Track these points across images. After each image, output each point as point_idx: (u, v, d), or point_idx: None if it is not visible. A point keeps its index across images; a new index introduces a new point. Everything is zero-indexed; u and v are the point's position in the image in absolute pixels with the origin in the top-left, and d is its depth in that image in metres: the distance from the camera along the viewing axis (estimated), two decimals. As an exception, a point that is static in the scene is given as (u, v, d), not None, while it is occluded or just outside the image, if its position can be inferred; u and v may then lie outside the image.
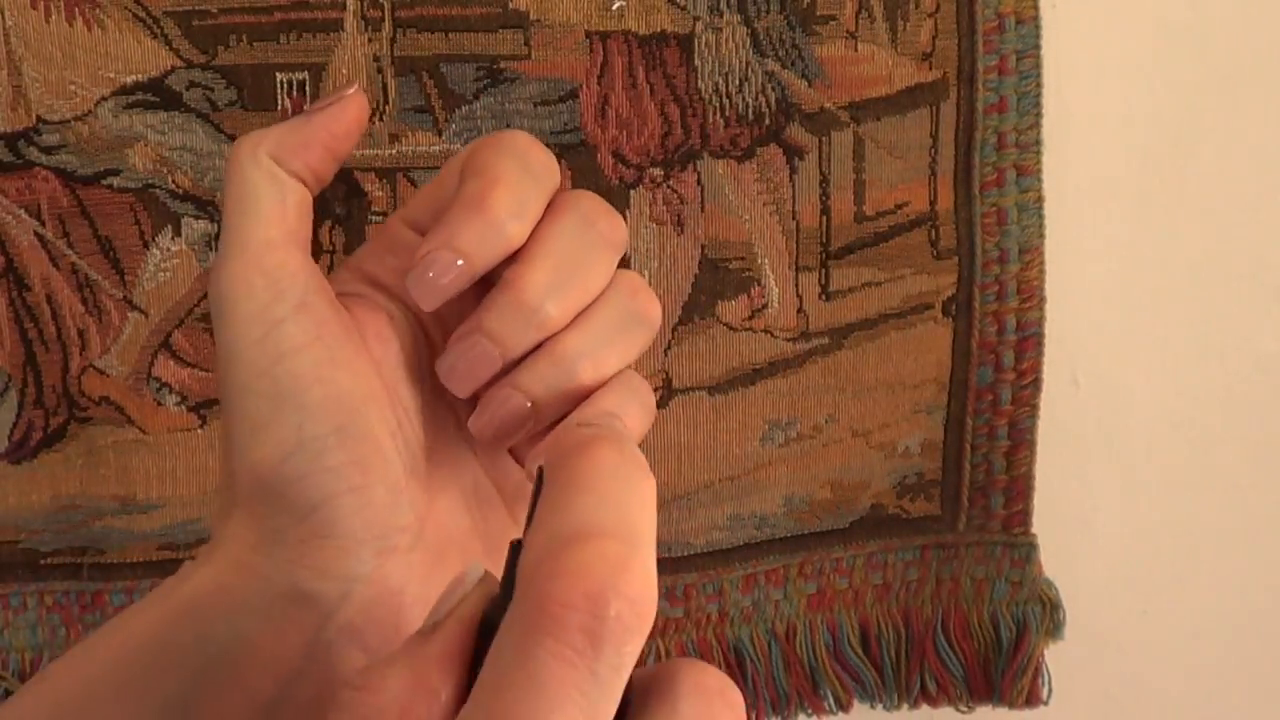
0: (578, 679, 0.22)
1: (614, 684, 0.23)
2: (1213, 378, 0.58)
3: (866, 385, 0.54)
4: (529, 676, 0.22)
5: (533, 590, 0.23)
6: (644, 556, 0.24)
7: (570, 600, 0.22)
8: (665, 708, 0.25)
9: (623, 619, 0.23)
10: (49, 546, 0.53)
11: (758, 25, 0.51)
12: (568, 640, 0.22)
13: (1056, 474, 0.56)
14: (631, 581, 0.23)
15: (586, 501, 0.24)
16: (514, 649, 0.23)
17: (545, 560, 0.23)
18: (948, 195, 0.53)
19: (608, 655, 0.23)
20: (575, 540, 0.23)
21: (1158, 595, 0.60)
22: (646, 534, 0.24)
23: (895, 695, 0.57)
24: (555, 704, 0.22)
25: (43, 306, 0.51)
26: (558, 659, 0.22)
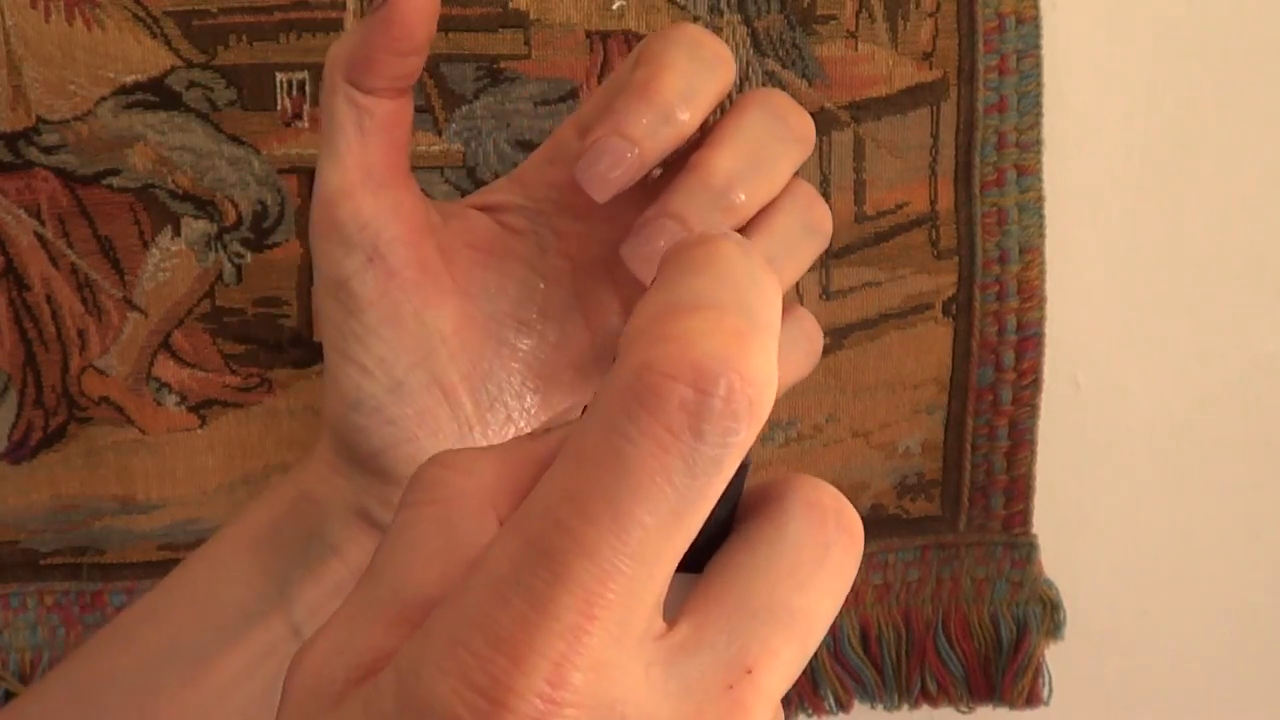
0: (670, 466, 0.19)
1: (711, 480, 0.20)
2: (1213, 378, 0.58)
3: (867, 385, 0.54)
4: (613, 456, 0.19)
5: (630, 356, 0.20)
6: (767, 345, 0.20)
7: (674, 369, 0.19)
8: (770, 526, 0.22)
9: (733, 400, 0.19)
10: (49, 546, 0.53)
11: (757, 25, 0.50)
12: (665, 417, 0.19)
13: (1057, 474, 0.56)
14: (750, 359, 0.19)
15: (703, 279, 0.21)
16: (601, 421, 0.20)
17: (650, 325, 0.20)
18: (948, 195, 0.53)
19: (710, 442, 0.19)
20: (688, 309, 0.20)
21: (1158, 595, 0.60)
22: (771, 327, 0.21)
23: (895, 695, 0.57)
24: (640, 493, 0.19)
25: (42, 306, 0.51)
26: (650, 438, 0.19)
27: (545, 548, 0.19)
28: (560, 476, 0.20)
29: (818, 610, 0.21)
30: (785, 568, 0.21)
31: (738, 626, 0.21)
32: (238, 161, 0.50)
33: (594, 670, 0.19)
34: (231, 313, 0.51)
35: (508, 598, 0.19)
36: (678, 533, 0.20)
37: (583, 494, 0.19)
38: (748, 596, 0.21)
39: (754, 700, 0.20)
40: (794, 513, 0.22)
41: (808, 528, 0.21)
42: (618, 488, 0.19)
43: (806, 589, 0.21)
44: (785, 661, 0.21)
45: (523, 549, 0.19)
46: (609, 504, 0.19)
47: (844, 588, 0.22)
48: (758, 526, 0.22)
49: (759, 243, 0.35)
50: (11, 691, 0.53)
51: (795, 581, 0.21)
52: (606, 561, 0.19)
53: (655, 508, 0.19)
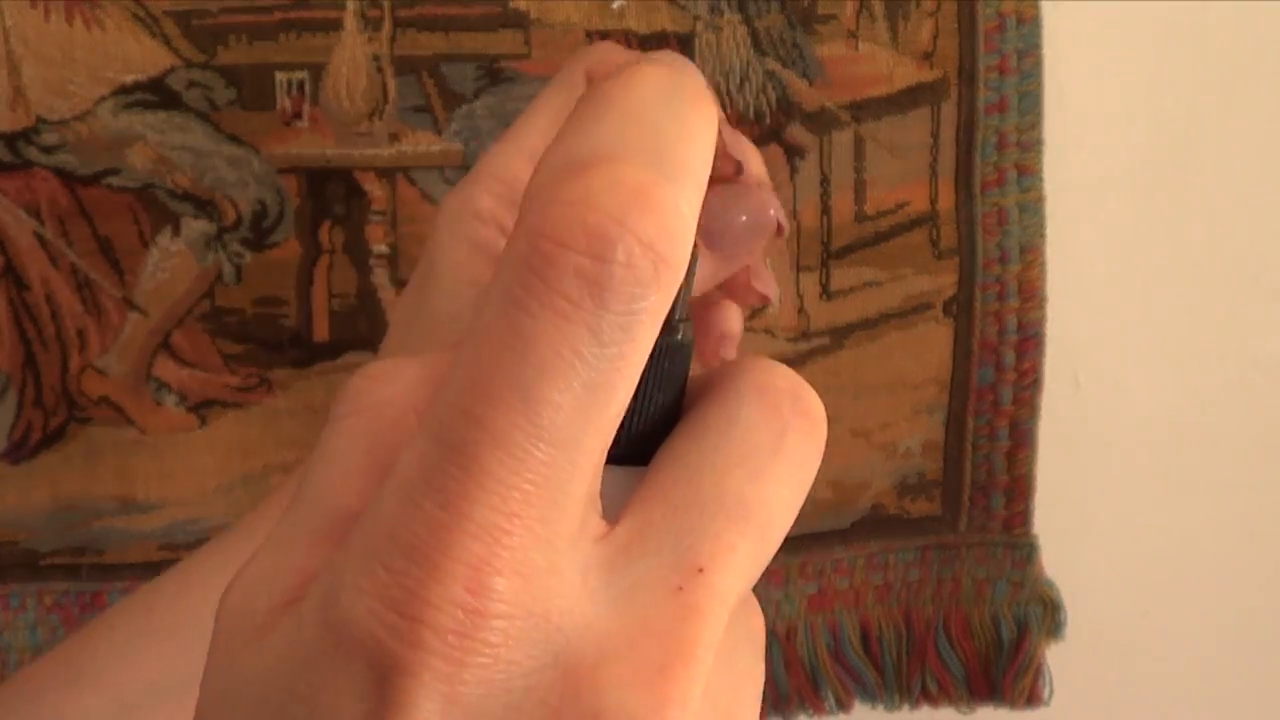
0: (574, 337, 0.17)
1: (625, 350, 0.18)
2: (1213, 378, 0.58)
3: (867, 385, 0.54)
4: (513, 331, 0.17)
5: (524, 222, 0.18)
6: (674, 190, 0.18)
7: (567, 236, 0.17)
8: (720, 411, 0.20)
9: (635, 266, 0.17)
10: (48, 547, 0.53)
11: (758, 24, 0.50)
12: (561, 286, 0.17)
13: (1057, 474, 0.56)
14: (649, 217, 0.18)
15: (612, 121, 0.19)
16: (499, 296, 0.18)
17: (543, 188, 0.18)
18: (948, 195, 0.52)
19: (614, 310, 0.17)
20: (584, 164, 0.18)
21: (1158, 595, 0.60)
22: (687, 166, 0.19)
23: (896, 695, 0.57)
24: (545, 366, 0.17)
25: (42, 306, 0.51)
26: (549, 309, 0.17)
27: (452, 441, 0.17)
28: (462, 361, 0.18)
29: (775, 500, 0.19)
30: (737, 455, 0.19)
31: (685, 522, 0.19)
32: (237, 161, 0.50)
33: (519, 575, 0.17)
34: (231, 313, 0.51)
35: (419, 502, 0.17)
36: (596, 411, 0.18)
37: (485, 376, 0.17)
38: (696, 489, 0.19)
39: (707, 601, 0.18)
40: (745, 396, 0.20)
41: (761, 411, 0.20)
42: (521, 365, 0.17)
43: (762, 477, 0.19)
44: (741, 558, 0.19)
45: (430, 446, 0.17)
46: (513, 384, 0.17)
47: (805, 476, 0.20)
48: (706, 412, 0.20)
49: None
50: (11, 692, 0.53)
51: (749, 470, 0.19)
52: (519, 449, 0.17)
53: (566, 384, 0.17)
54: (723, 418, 0.20)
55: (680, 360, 0.20)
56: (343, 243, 0.51)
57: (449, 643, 0.17)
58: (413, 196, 0.51)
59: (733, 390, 0.20)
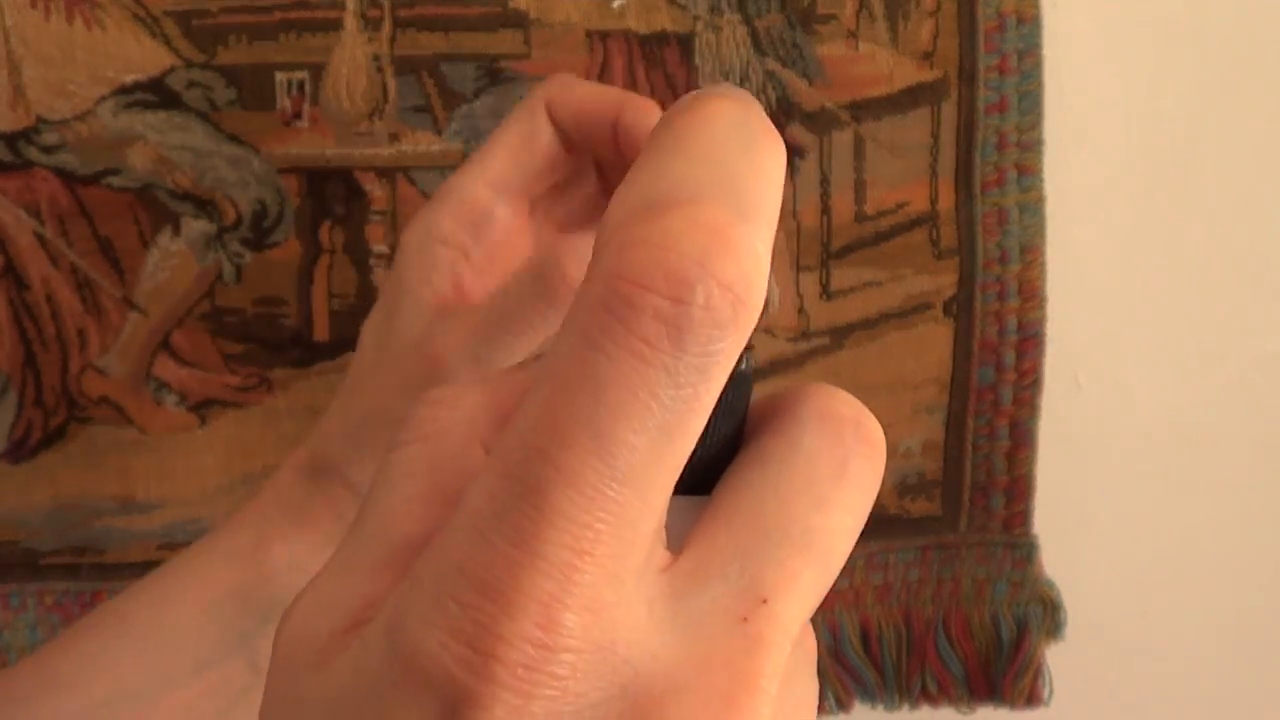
0: (651, 379, 0.17)
1: (699, 391, 0.18)
2: (1213, 378, 0.58)
3: (867, 385, 0.54)
4: (589, 373, 0.17)
5: (601, 264, 0.18)
6: (751, 230, 0.18)
7: (647, 278, 0.17)
8: (782, 439, 0.20)
9: (714, 308, 0.17)
10: (49, 546, 0.53)
11: (758, 24, 0.50)
12: (639, 329, 0.17)
13: (1057, 474, 0.56)
14: (730, 260, 0.17)
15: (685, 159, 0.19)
16: (574, 338, 0.18)
17: (621, 228, 0.18)
18: (948, 195, 0.52)
19: (691, 352, 0.17)
20: (662, 206, 0.18)
21: (1158, 595, 0.60)
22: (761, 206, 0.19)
23: (896, 695, 0.57)
24: (621, 409, 0.17)
25: (42, 306, 0.51)
26: (627, 351, 0.17)
27: (525, 480, 0.17)
28: (536, 401, 0.18)
29: (838, 529, 0.19)
30: (800, 483, 0.19)
31: (749, 551, 0.19)
32: (237, 161, 0.50)
33: (589, 610, 0.17)
34: (231, 312, 0.51)
35: (491, 538, 0.17)
36: (669, 451, 0.18)
37: (559, 417, 0.17)
38: (759, 517, 0.19)
39: (771, 633, 0.18)
40: (807, 424, 0.20)
41: (823, 439, 0.19)
42: (596, 407, 0.17)
43: (825, 506, 0.19)
44: (805, 587, 0.19)
45: (502, 483, 0.18)
46: (588, 425, 0.17)
47: (866, 503, 0.20)
48: (768, 441, 0.20)
49: None
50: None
51: (812, 498, 0.19)
52: (592, 489, 0.17)
53: (641, 425, 0.17)
54: (785, 446, 0.20)
55: (743, 390, 0.20)
56: (343, 242, 0.51)
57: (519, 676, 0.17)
58: (413, 196, 0.51)
59: (795, 418, 0.20)
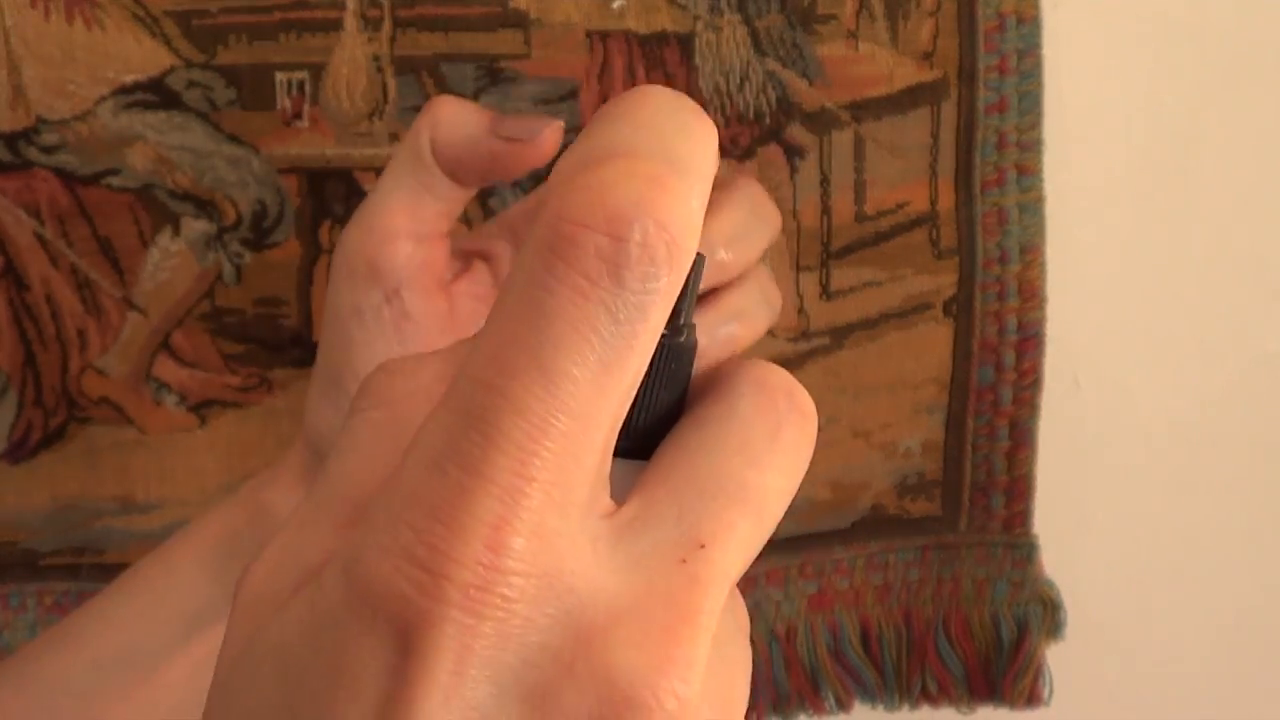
0: (592, 314, 0.19)
1: (638, 328, 0.19)
2: (1213, 378, 0.58)
3: (867, 385, 0.54)
4: (534, 308, 0.19)
5: (546, 208, 0.19)
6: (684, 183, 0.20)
7: (587, 218, 0.19)
8: (720, 404, 0.21)
9: (650, 246, 0.19)
10: (48, 547, 0.53)
11: (758, 24, 0.50)
12: (581, 265, 0.19)
13: (1057, 474, 0.56)
14: (665, 203, 0.19)
15: (624, 126, 0.20)
16: (521, 276, 0.19)
17: (566, 177, 0.20)
18: (948, 195, 0.52)
19: (630, 288, 0.19)
20: (605, 157, 0.20)
21: (1158, 595, 0.60)
22: (695, 170, 0.20)
23: (896, 695, 0.57)
24: (564, 341, 0.19)
25: (42, 306, 0.51)
26: (568, 286, 0.19)
27: (475, 411, 0.19)
28: (485, 339, 0.19)
29: (772, 486, 0.21)
30: (735, 443, 0.21)
31: (688, 502, 0.20)
32: (237, 161, 0.50)
33: (536, 536, 0.18)
34: (231, 313, 0.51)
35: (442, 467, 0.18)
36: (610, 386, 0.19)
37: (507, 350, 0.19)
38: (697, 473, 0.20)
39: (708, 574, 0.20)
40: (743, 391, 0.21)
41: (758, 405, 0.21)
42: (541, 339, 0.19)
43: (759, 464, 0.21)
44: (741, 537, 0.20)
45: (453, 416, 0.19)
46: (534, 357, 0.19)
47: (800, 465, 0.21)
48: (706, 406, 0.21)
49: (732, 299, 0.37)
50: (11, 692, 0.53)
51: (747, 457, 0.21)
52: (537, 416, 0.18)
53: (582, 358, 0.19)
54: (723, 410, 0.21)
55: (684, 361, 0.21)
56: (343, 243, 0.51)
57: (470, 596, 0.18)
58: (413, 196, 0.51)
59: (731, 386, 0.21)
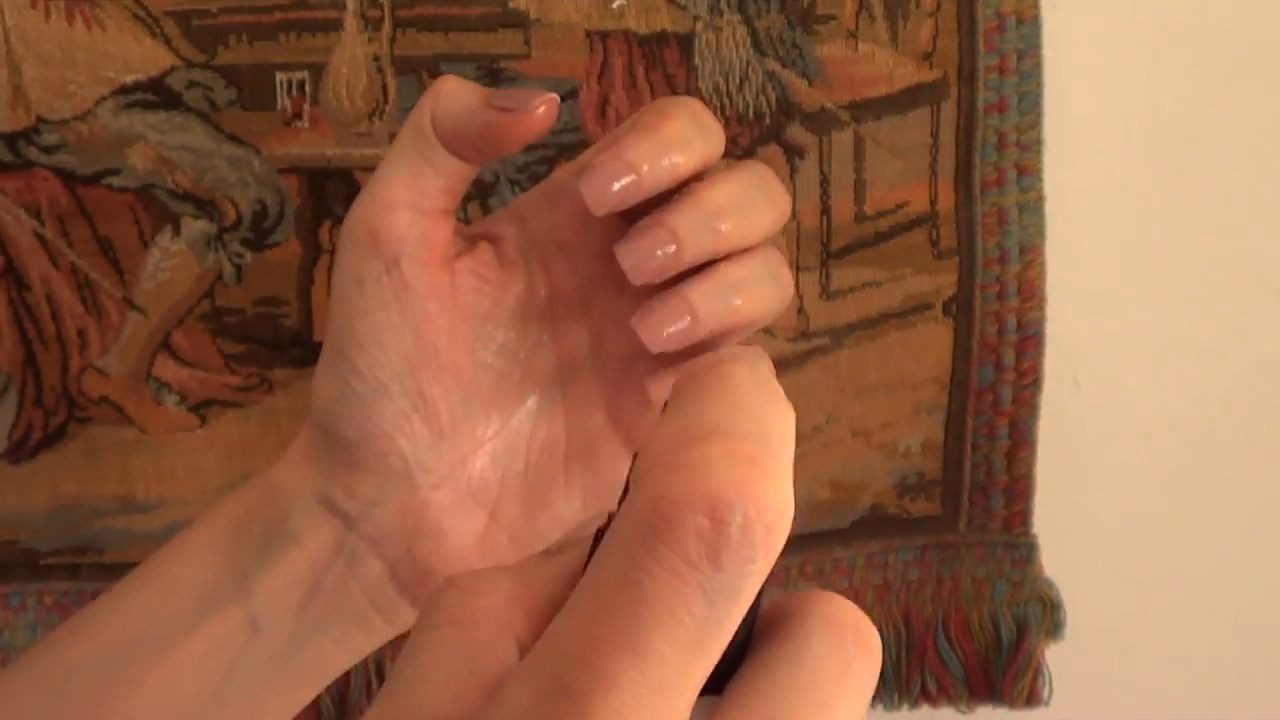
0: (687, 596, 0.19)
1: (729, 609, 0.19)
2: (1213, 378, 0.58)
3: (867, 385, 0.54)
4: (630, 586, 0.19)
5: (645, 488, 0.19)
6: (781, 470, 0.20)
7: (689, 500, 0.19)
8: (791, 645, 0.21)
9: (749, 530, 0.19)
10: (49, 546, 0.53)
11: (758, 24, 0.50)
12: (680, 547, 0.19)
13: (1057, 474, 0.56)
14: (764, 487, 0.19)
15: (719, 406, 0.21)
16: (617, 553, 0.19)
17: (664, 455, 0.20)
18: (948, 195, 0.53)
19: (727, 572, 0.19)
20: (702, 437, 0.20)
21: (1158, 595, 0.60)
22: (786, 453, 0.21)
23: (895, 695, 0.57)
24: (657, 623, 0.19)
25: (42, 306, 0.51)
26: (666, 569, 0.19)
27: (566, 684, 0.19)
28: (578, 611, 0.19)
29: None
30: (804, 689, 0.21)
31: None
32: (237, 161, 0.50)
33: None
34: (231, 312, 0.51)
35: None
36: (699, 663, 0.19)
37: (600, 627, 0.19)
38: (770, 718, 0.20)
39: None
40: (813, 630, 0.21)
41: (826, 645, 0.21)
42: (636, 620, 0.19)
43: (827, 711, 0.21)
44: None
45: (543, 686, 0.19)
46: (628, 637, 0.19)
47: (864, 703, 0.21)
48: (777, 646, 0.21)
49: (731, 270, 0.37)
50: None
51: (816, 704, 0.21)
52: (629, 695, 0.18)
53: (675, 639, 0.19)
54: (793, 651, 0.21)
55: (757, 602, 0.21)
56: (343, 243, 0.51)
57: None
58: (413, 196, 0.51)
59: (801, 624, 0.21)
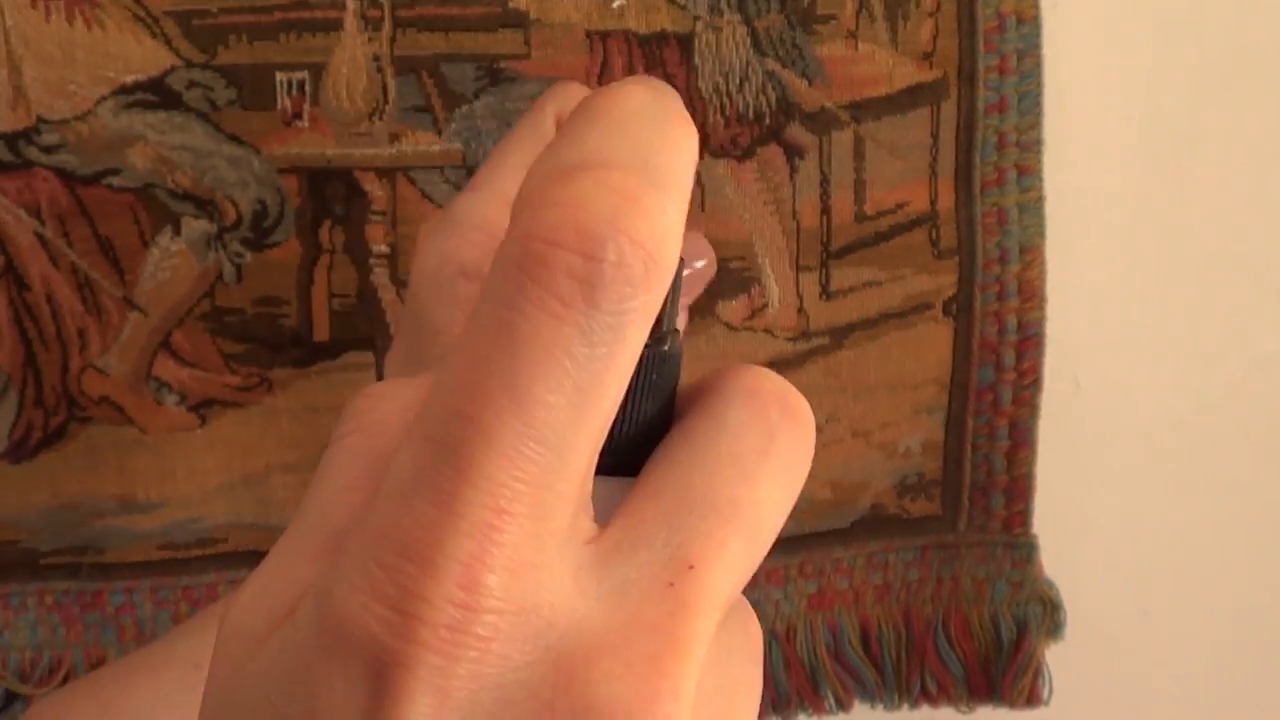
0: (565, 337, 0.18)
1: (614, 350, 0.18)
2: (1213, 378, 0.58)
3: (867, 385, 0.54)
4: (505, 332, 0.18)
5: (515, 229, 0.18)
6: (662, 195, 0.18)
7: (559, 236, 0.18)
8: (708, 417, 0.20)
9: (625, 265, 0.18)
10: (49, 546, 0.53)
11: (758, 24, 0.50)
12: (553, 286, 0.18)
13: (1057, 474, 0.56)
14: (641, 219, 0.18)
15: (597, 132, 0.19)
16: (491, 299, 0.18)
17: (536, 190, 0.18)
18: (948, 195, 0.52)
19: (604, 309, 0.18)
20: (575, 169, 0.18)
21: (1158, 595, 0.60)
22: (672, 175, 0.19)
23: (895, 695, 0.57)
24: (536, 366, 0.18)
25: (42, 306, 0.51)
26: (540, 309, 0.18)
27: (443, 441, 0.18)
28: (454, 363, 0.18)
29: (766, 501, 0.20)
30: (726, 457, 0.20)
31: (676, 522, 0.19)
32: (238, 161, 0.50)
33: (510, 571, 0.17)
34: (231, 312, 0.51)
35: (412, 501, 0.17)
36: (586, 412, 0.18)
37: (476, 377, 0.18)
38: (686, 490, 0.19)
39: (698, 597, 0.19)
40: (733, 401, 0.20)
41: (749, 415, 0.20)
42: (512, 364, 0.18)
43: (751, 478, 0.20)
44: (733, 556, 0.19)
45: (422, 446, 0.18)
46: (505, 383, 0.17)
47: (797, 476, 0.20)
48: (694, 419, 0.20)
49: None
50: (11, 691, 0.53)
51: (738, 471, 0.20)
52: (511, 447, 0.17)
53: (556, 383, 0.18)
54: (712, 422, 0.20)
55: (669, 371, 0.20)
56: (343, 243, 0.51)
57: (442, 637, 0.17)
58: (413, 197, 0.51)
59: (720, 396, 0.20)
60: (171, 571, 0.53)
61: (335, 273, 0.51)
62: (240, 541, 0.53)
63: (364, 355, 0.52)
